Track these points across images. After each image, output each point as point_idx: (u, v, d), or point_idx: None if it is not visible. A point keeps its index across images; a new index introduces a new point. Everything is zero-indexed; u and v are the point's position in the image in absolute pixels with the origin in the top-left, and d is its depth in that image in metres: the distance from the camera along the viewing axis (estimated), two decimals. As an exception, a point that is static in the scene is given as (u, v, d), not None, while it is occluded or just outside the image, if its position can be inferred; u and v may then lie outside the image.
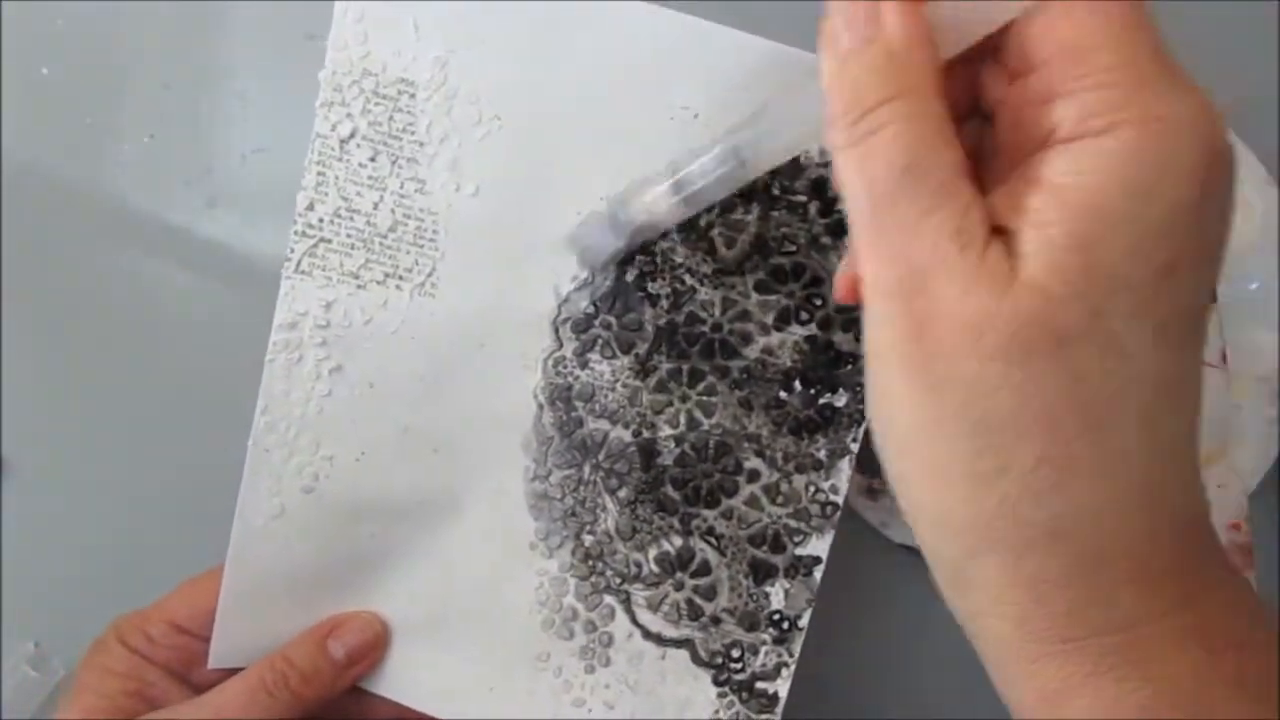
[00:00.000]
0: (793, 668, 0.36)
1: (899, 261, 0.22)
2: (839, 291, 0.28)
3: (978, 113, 0.26)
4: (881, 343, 0.23)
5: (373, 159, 0.34)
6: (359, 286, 0.35)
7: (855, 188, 0.23)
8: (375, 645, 0.37)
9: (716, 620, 0.36)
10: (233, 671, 0.36)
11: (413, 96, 0.34)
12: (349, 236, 0.34)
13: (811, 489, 0.36)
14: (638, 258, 0.35)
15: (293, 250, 0.34)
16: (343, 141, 0.34)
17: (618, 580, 0.36)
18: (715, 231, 0.35)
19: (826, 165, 0.35)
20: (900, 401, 0.23)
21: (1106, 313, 0.21)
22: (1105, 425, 0.22)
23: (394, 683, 0.37)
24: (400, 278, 0.35)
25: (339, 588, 0.37)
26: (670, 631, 0.36)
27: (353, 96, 0.34)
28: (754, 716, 0.36)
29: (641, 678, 0.36)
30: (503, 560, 0.37)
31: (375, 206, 0.34)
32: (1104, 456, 0.22)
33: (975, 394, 0.22)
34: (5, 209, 0.41)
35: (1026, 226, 0.22)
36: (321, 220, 0.34)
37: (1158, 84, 0.21)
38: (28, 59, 0.40)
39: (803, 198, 0.35)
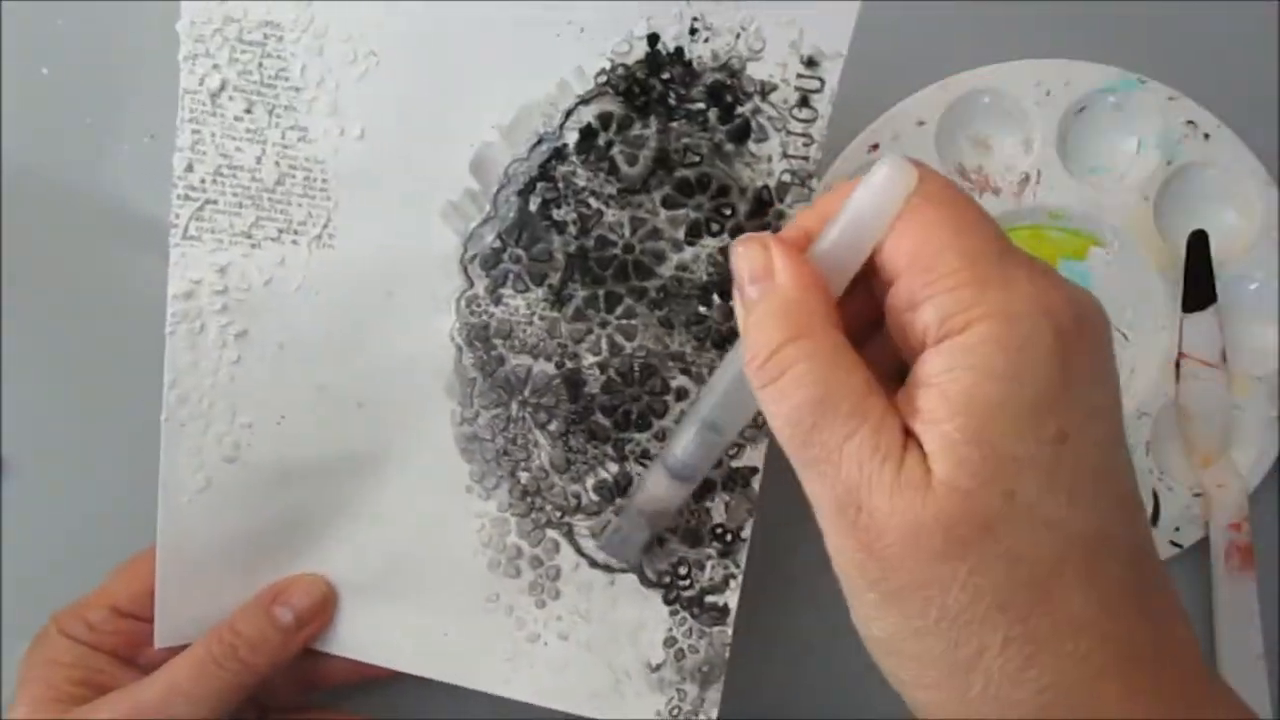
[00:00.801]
0: (740, 578, 0.36)
1: (833, 484, 0.24)
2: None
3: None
4: (841, 562, 0.25)
5: (248, 111, 0.32)
6: (253, 246, 0.33)
7: (778, 421, 0.25)
8: (323, 607, 0.36)
9: (661, 541, 0.36)
10: (182, 649, 0.35)
11: (280, 40, 0.32)
12: (235, 195, 0.33)
13: (741, 401, 0.35)
14: (539, 185, 0.34)
15: (177, 216, 0.33)
16: (213, 95, 0.32)
17: (558, 514, 0.36)
18: (615, 150, 0.34)
19: (720, 69, 0.33)
20: (871, 611, 0.25)
21: (1018, 492, 0.23)
22: (1053, 595, 0.23)
23: (347, 641, 0.37)
24: (295, 232, 0.34)
25: (278, 553, 0.36)
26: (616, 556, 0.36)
27: (216, 46, 0.32)
28: (707, 630, 0.36)
29: (593, 606, 0.36)
30: (440, 507, 0.36)
31: (258, 160, 0.33)
32: (1060, 625, 0.23)
33: (932, 595, 0.23)
34: (5, 209, 0.41)
35: (926, 427, 0.24)
36: (204, 181, 0.33)
37: (998, 279, 0.24)
38: (28, 59, 0.40)
39: (700, 105, 0.34)
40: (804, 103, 0.34)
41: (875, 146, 0.41)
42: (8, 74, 0.40)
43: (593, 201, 0.34)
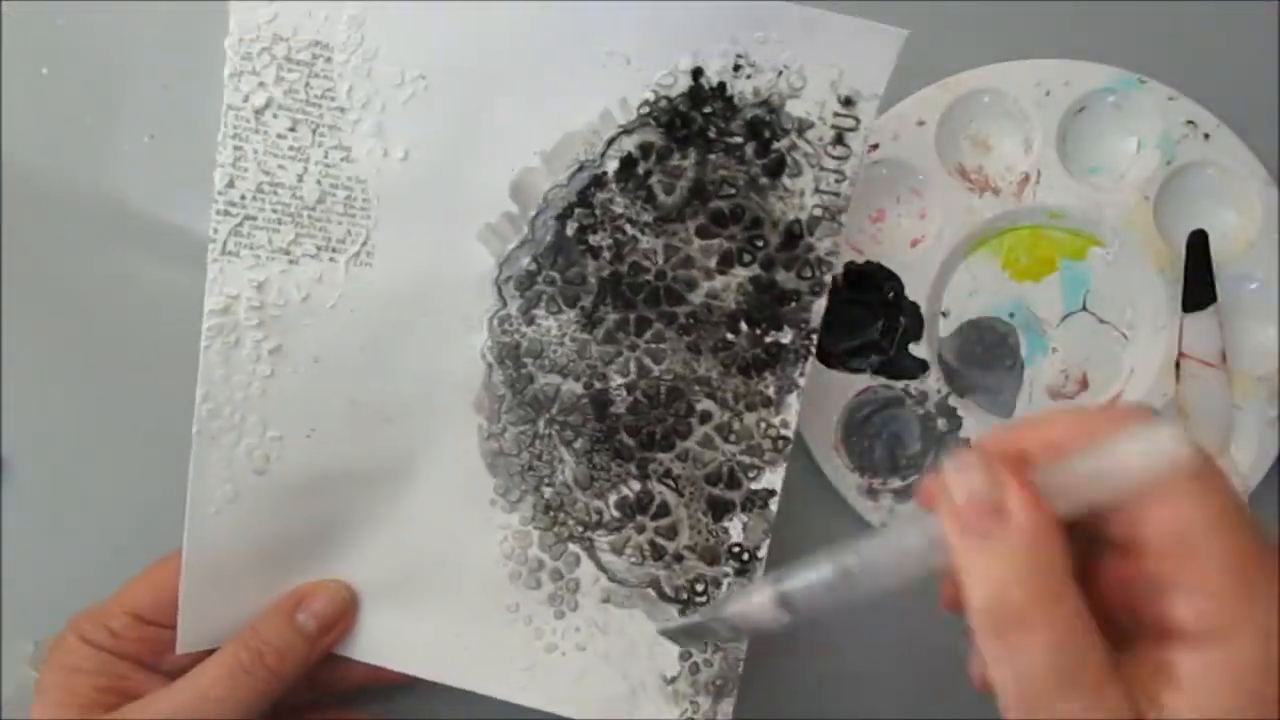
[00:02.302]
0: (755, 596, 0.37)
1: None
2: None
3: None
4: None
5: (292, 129, 0.32)
6: (291, 262, 0.33)
7: (1005, 678, 0.23)
8: (345, 612, 0.37)
9: (679, 558, 0.37)
10: (204, 654, 0.36)
11: (329, 60, 0.32)
12: (275, 211, 0.33)
13: (763, 425, 0.37)
14: (577, 210, 0.35)
15: (216, 231, 0.33)
16: (257, 112, 0.32)
17: (580, 528, 0.37)
18: (654, 179, 0.35)
19: (760, 105, 0.34)
20: None
21: None
22: None
23: (367, 646, 0.38)
24: (334, 250, 0.34)
25: (302, 559, 0.37)
26: (635, 572, 0.37)
27: (264, 64, 0.32)
28: (722, 645, 0.38)
29: (610, 619, 0.38)
30: (464, 519, 0.37)
31: (300, 178, 0.33)
32: None
33: None
34: (5, 209, 0.40)
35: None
36: (244, 197, 0.33)
37: (1264, 587, 0.23)
38: (28, 59, 0.40)
39: (739, 139, 0.34)
40: (839, 140, 0.35)
41: (875, 146, 0.41)
42: (8, 74, 0.40)
43: (628, 228, 0.35)
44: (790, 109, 0.34)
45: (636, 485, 0.37)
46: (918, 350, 0.41)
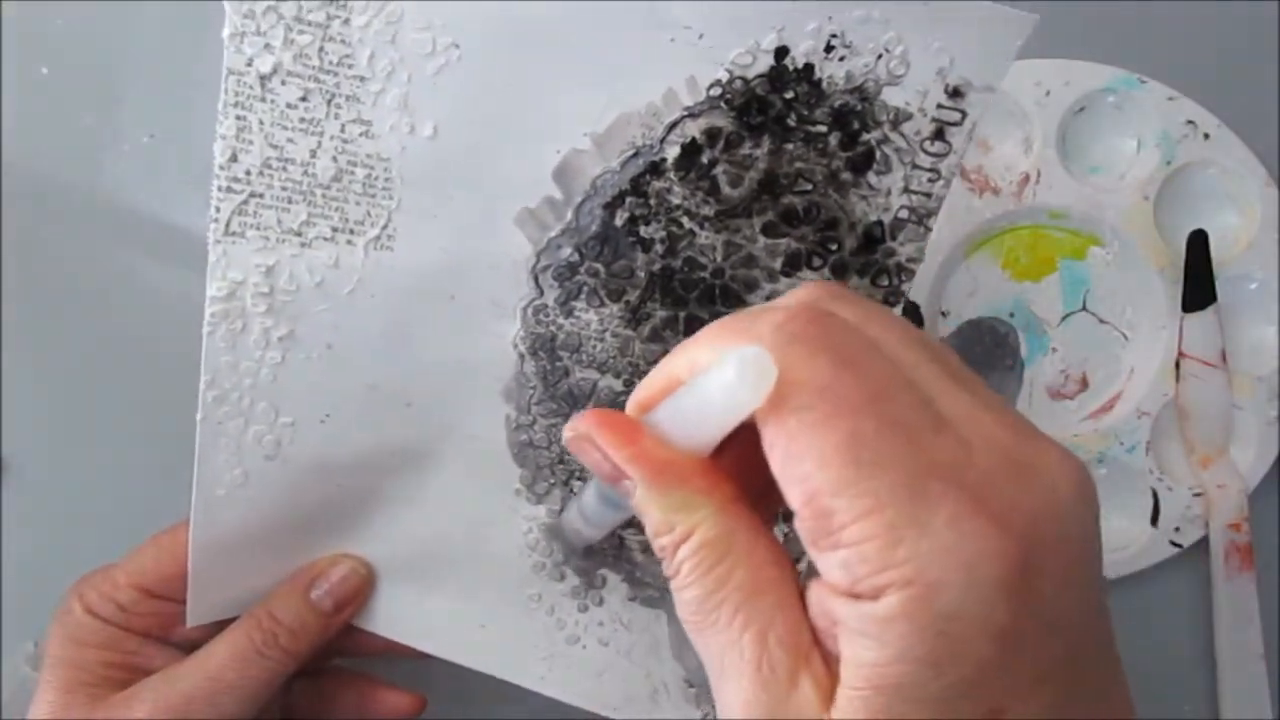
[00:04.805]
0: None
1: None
2: None
3: None
4: None
5: (303, 99, 0.28)
6: (304, 245, 0.30)
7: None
8: (360, 589, 0.36)
9: (713, 562, 0.35)
10: (215, 626, 0.35)
11: (346, 22, 0.27)
12: (285, 189, 0.29)
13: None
14: (629, 199, 0.30)
15: (218, 210, 0.29)
16: (263, 79, 0.27)
17: (610, 526, 0.35)
18: (719, 169, 0.30)
19: (852, 92, 0.29)
20: None
21: None
22: None
23: (383, 619, 0.36)
24: (351, 232, 0.30)
25: (317, 536, 0.35)
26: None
27: (270, 24, 0.27)
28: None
29: (635, 616, 0.36)
30: (488, 505, 0.35)
31: (313, 154, 0.28)
32: None
33: None
34: (5, 209, 0.41)
35: (835, 667, 0.20)
36: (249, 173, 0.28)
37: (911, 524, 0.19)
38: (28, 59, 0.40)
39: (823, 128, 0.30)
40: (939, 135, 0.30)
41: None
42: (8, 74, 0.40)
43: (685, 221, 0.31)
44: (887, 97, 0.29)
45: (673, 487, 0.34)
46: (917, 350, 0.41)
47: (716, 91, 0.29)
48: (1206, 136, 0.41)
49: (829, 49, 0.28)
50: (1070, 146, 0.42)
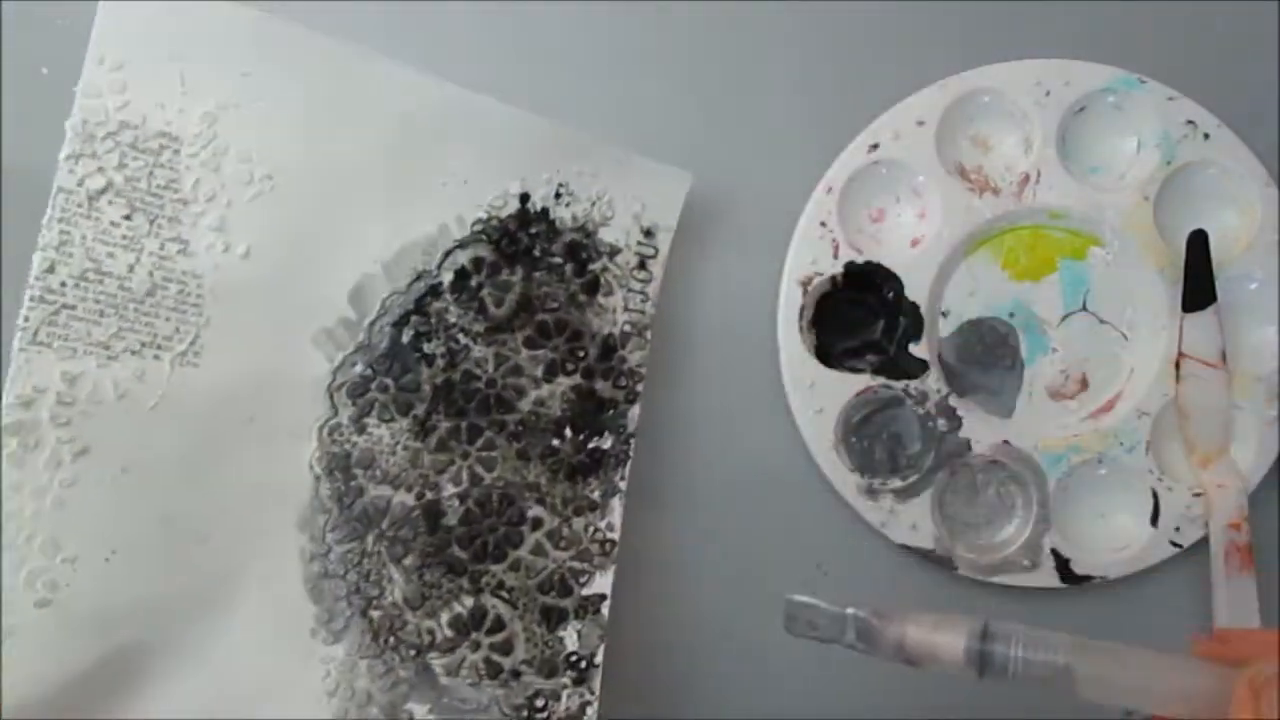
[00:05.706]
0: (596, 705, 0.37)
1: None
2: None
3: None
4: None
5: (128, 217, 0.31)
6: (110, 358, 0.31)
7: None
8: None
9: (516, 674, 0.36)
10: None
11: (176, 152, 0.32)
12: (97, 302, 0.31)
13: (590, 529, 0.38)
14: (413, 318, 0.36)
15: (27, 319, 0.30)
16: (91, 197, 0.31)
17: (412, 652, 0.35)
18: (485, 292, 0.37)
19: (578, 230, 0.38)
20: None
21: None
22: None
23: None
24: (159, 347, 0.32)
25: (100, 700, 0.31)
26: (473, 695, 0.36)
27: (106, 150, 0.31)
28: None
29: (448, 750, 0.35)
30: (283, 653, 0.34)
31: (130, 269, 0.31)
32: None
33: None
34: (5, 209, 0.38)
35: None
36: (64, 284, 0.30)
37: None
38: (28, 59, 0.39)
39: (559, 259, 0.38)
40: (642, 265, 0.39)
41: (875, 146, 0.41)
42: (8, 74, 0.39)
43: (461, 337, 0.37)
44: (602, 235, 0.39)
45: (469, 600, 0.36)
46: (917, 350, 0.41)
47: (479, 227, 0.37)
48: (1206, 136, 0.41)
49: (558, 195, 0.38)
50: (1070, 146, 0.41)
